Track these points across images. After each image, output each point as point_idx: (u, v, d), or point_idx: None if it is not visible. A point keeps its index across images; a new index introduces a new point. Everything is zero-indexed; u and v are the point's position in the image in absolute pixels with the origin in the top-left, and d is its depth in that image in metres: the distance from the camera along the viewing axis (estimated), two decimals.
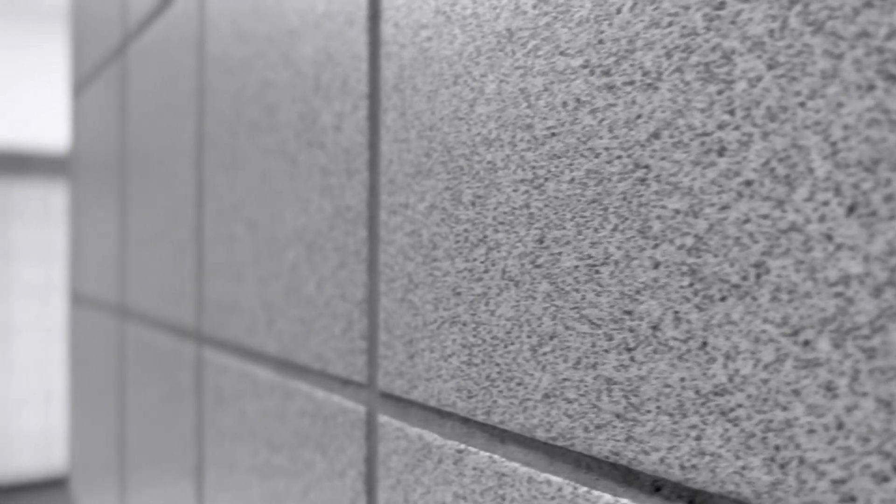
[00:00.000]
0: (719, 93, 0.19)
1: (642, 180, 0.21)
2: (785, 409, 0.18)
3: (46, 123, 4.39)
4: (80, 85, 0.95)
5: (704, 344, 0.20)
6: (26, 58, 4.32)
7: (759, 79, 0.18)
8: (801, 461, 0.17)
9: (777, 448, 0.18)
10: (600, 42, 0.22)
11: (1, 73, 4.26)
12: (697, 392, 0.20)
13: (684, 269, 0.20)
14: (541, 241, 0.24)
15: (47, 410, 4.41)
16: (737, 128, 0.19)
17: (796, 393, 0.18)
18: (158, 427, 0.62)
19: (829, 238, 0.17)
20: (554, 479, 0.24)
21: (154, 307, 0.64)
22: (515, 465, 0.25)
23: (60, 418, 4.44)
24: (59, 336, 4.41)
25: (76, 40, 0.99)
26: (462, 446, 0.28)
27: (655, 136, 0.21)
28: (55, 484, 4.53)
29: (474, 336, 0.27)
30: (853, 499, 0.16)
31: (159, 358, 0.62)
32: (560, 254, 0.24)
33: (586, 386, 0.23)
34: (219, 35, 0.50)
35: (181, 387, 0.57)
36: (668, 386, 0.20)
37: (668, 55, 0.21)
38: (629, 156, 0.21)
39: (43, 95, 4.41)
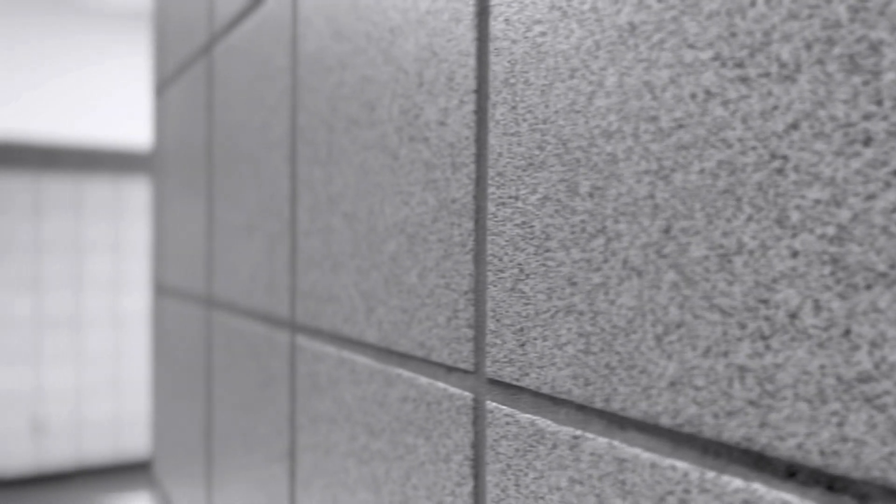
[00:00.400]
0: (865, 83, 0.19)
1: (779, 171, 0.21)
2: None
3: (117, 120, 4.55)
4: (163, 84, 0.99)
5: (847, 332, 0.20)
6: (99, 58, 4.48)
7: None
8: None
9: None
10: (732, 35, 0.23)
11: (72, 72, 4.43)
12: (839, 379, 0.20)
13: (825, 258, 0.20)
14: (667, 231, 0.25)
15: (118, 398, 4.59)
16: (884, 118, 0.19)
17: None
18: (248, 413, 0.65)
19: None
20: (679, 464, 0.24)
21: (243, 297, 0.66)
22: (637, 450, 0.26)
23: (131, 405, 4.61)
24: (130, 327, 4.57)
25: (159, 42, 1.02)
26: (578, 432, 0.28)
27: (794, 126, 0.21)
28: (126, 468, 4.71)
29: (591, 325, 0.28)
30: None
31: (250, 346, 0.65)
32: (688, 244, 0.24)
33: (716, 374, 0.23)
34: (314, 34, 0.52)
35: (273, 374, 0.59)
36: (806, 373, 0.21)
37: (808, 47, 0.21)
38: (765, 147, 0.22)
39: (111, 93, 4.57)
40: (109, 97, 4.54)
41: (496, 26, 0.33)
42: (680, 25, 0.24)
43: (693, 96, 0.24)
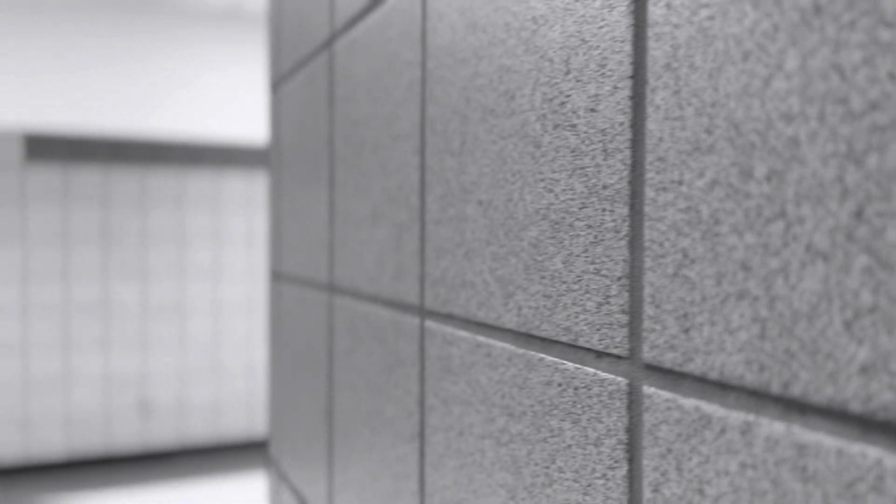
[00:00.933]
0: None
1: None
2: None
3: (219, 117, 4.74)
4: (279, 80, 1.03)
5: None
6: (199, 58, 4.68)
7: None
8: None
9: None
10: None
11: (174, 71, 4.65)
12: None
13: None
14: (858, 214, 0.24)
15: (218, 382, 4.81)
16: None
17: None
18: (372, 395, 0.67)
19: None
20: (871, 450, 0.24)
21: (368, 284, 0.68)
22: (820, 436, 0.26)
23: (229, 389, 4.82)
24: (229, 314, 4.77)
25: (274, 40, 1.07)
26: (751, 417, 0.28)
27: None
28: (225, 448, 4.94)
29: (768, 310, 0.27)
30: None
31: (374, 331, 0.67)
32: (884, 228, 0.23)
33: None
34: (445, 27, 0.53)
35: (400, 357, 0.61)
36: None
37: None
38: None
39: (212, 91, 4.77)
40: (210, 95, 4.74)
41: (656, 12, 0.33)
42: (875, 5, 0.24)
43: (891, 76, 0.23)
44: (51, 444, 4.37)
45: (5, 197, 4.21)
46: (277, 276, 1.05)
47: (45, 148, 4.34)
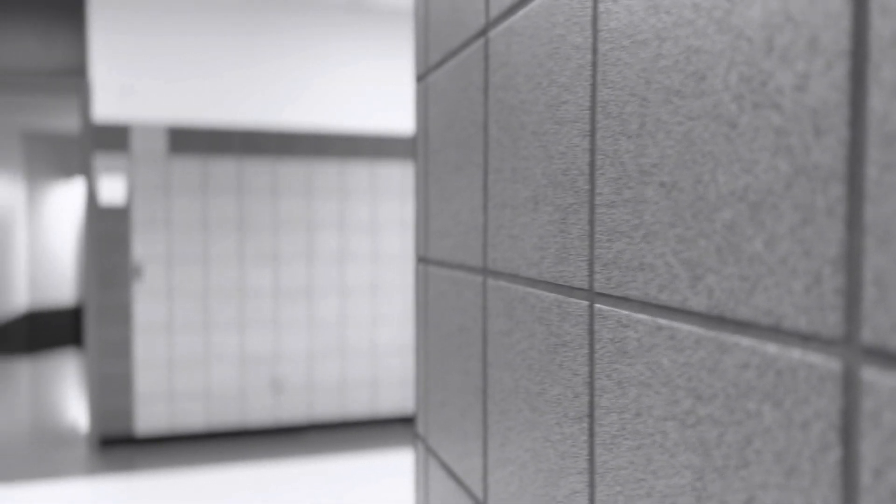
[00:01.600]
0: None
1: None
2: None
3: (345, 109, 4.90)
4: (427, 71, 1.06)
5: None
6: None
7: None
8: None
9: None
10: None
11: (301, 64, 4.84)
12: None
13: None
14: None
15: (344, 361, 5.00)
16: None
17: None
18: (533, 375, 0.69)
19: None
20: None
21: (527, 267, 0.70)
22: None
23: (354, 368, 5.01)
24: (356, 296, 4.94)
25: (421, 32, 1.10)
26: None
27: None
28: (350, 425, 5.14)
29: None
30: None
31: (534, 313, 0.68)
32: None
33: None
34: (622, 10, 0.53)
35: (565, 339, 0.62)
36: None
37: None
38: None
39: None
40: (337, 88, 4.91)
41: None
42: None
43: None
44: (192, 416, 4.72)
45: (153, 186, 4.56)
46: (424, 261, 1.09)
47: (186, 141, 4.66)
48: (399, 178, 5.04)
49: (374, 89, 4.97)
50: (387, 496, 3.98)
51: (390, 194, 5.01)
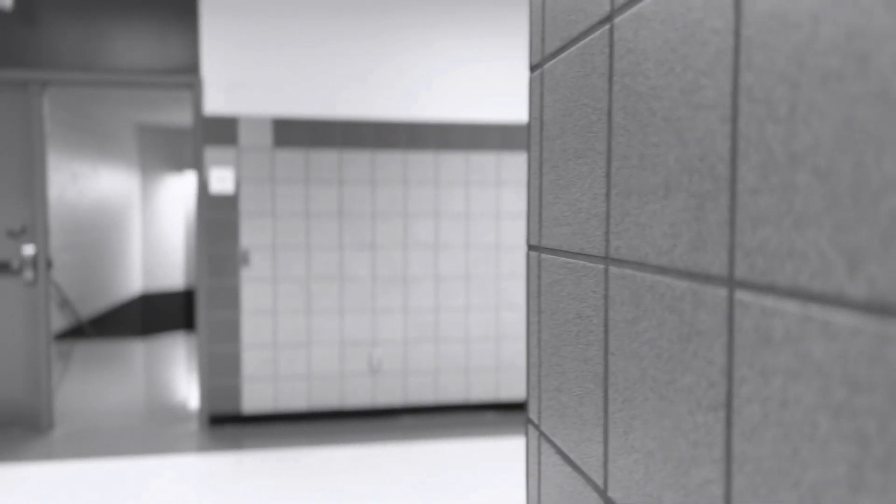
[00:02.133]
0: None
1: None
2: None
3: (440, 102, 4.95)
4: (542, 60, 1.06)
5: None
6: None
7: None
8: None
9: None
10: None
11: (399, 59, 4.91)
12: None
13: None
14: None
15: (439, 346, 5.08)
16: None
17: None
18: (662, 364, 0.68)
19: None
20: None
21: (656, 255, 0.69)
22: None
23: (448, 354, 5.08)
24: (449, 283, 5.00)
25: (536, 23, 1.10)
26: None
27: None
28: (444, 409, 5.22)
29: None
30: None
31: (666, 302, 0.68)
32: None
33: None
34: None
35: (698, 328, 0.62)
36: None
37: None
38: None
39: (432, 77, 4.98)
40: (432, 82, 4.96)
41: None
42: None
43: None
44: (295, 396, 4.92)
45: (259, 177, 4.75)
46: (536, 248, 1.09)
47: (290, 133, 4.83)
48: (493, 167, 5.05)
49: (468, 79, 4.99)
50: (485, 480, 4.02)
51: (485, 184, 5.03)
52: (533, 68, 1.12)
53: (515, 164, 5.09)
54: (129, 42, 4.61)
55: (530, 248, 1.14)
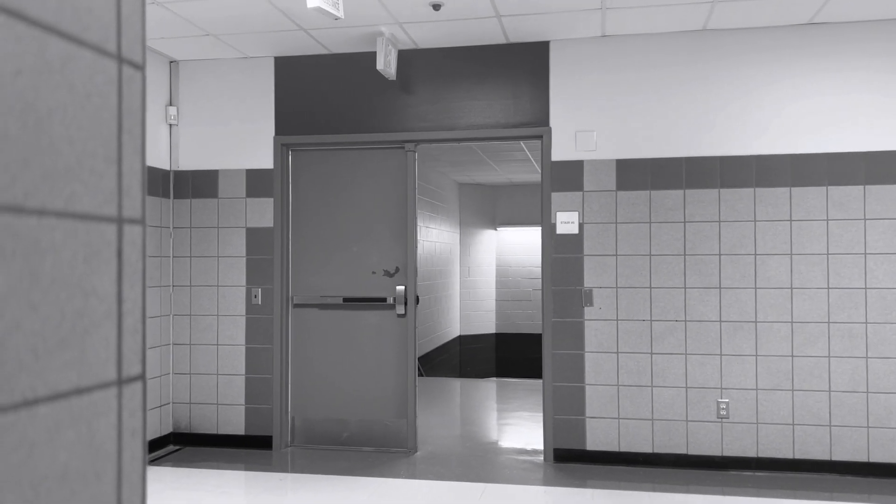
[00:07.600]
0: None
1: None
2: None
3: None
4: None
5: None
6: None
7: None
8: None
9: None
10: None
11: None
12: None
13: None
14: None
15: (797, 397, 4.66)
16: None
17: None
18: None
19: None
20: None
21: None
22: None
23: (809, 407, 4.63)
24: (809, 333, 4.58)
25: None
26: None
27: None
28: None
29: None
30: None
31: None
32: None
33: None
34: None
35: None
36: None
37: None
38: None
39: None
40: (811, 109, 4.74)
41: None
42: None
43: None
44: (638, 438, 4.88)
45: (602, 219, 4.89)
46: None
47: (632, 174, 4.94)
48: (858, 201, 4.63)
49: (822, 108, 4.68)
50: None
51: (852, 219, 4.62)
52: None
53: (884, 197, 4.61)
54: (487, 102, 5.15)
55: None
